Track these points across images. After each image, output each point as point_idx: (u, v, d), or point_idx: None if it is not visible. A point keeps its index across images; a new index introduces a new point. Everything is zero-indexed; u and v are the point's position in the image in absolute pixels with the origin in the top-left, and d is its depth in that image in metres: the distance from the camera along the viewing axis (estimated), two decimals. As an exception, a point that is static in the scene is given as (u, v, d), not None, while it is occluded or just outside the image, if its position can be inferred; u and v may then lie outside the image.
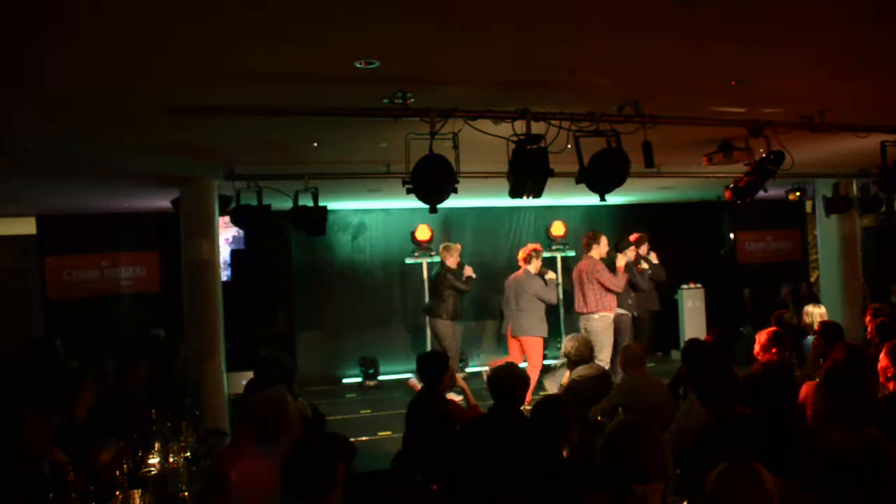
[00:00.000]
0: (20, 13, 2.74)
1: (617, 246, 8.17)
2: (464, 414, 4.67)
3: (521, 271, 8.20)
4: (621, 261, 7.83)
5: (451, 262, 8.63)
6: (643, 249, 8.42)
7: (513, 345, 8.16)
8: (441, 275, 8.64)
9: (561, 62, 3.71)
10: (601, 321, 7.63)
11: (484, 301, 10.07)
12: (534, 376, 7.63)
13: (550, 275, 8.21)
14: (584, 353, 5.31)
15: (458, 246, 8.84)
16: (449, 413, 4.44)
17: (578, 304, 7.79)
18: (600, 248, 7.91)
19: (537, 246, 8.38)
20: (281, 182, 6.21)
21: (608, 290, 7.63)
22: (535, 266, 8.15)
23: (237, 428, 4.46)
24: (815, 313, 6.36)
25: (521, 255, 8.28)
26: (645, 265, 8.30)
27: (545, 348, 8.37)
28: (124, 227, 9.51)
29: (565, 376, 5.52)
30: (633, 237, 8.31)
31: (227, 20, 2.91)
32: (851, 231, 9.09)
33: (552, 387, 6.94)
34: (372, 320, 10.22)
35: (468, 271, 8.61)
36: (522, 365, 7.67)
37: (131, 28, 2.94)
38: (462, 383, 5.23)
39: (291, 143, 5.48)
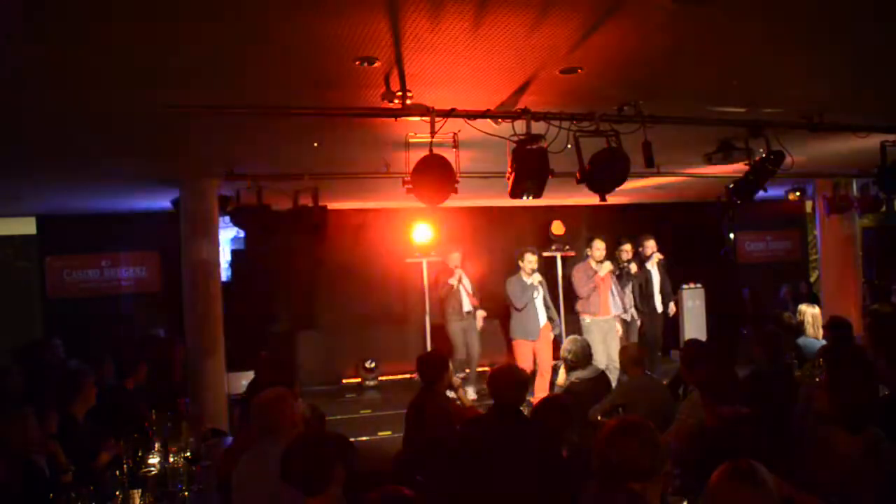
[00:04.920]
0: (20, 11, 2.74)
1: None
2: (464, 414, 4.67)
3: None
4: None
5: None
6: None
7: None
8: None
9: (562, 62, 3.71)
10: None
11: (483, 302, 10.04)
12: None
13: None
14: (582, 356, 5.31)
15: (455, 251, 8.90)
16: (449, 413, 4.44)
17: None
18: (591, 252, 8.09)
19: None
20: (281, 182, 6.21)
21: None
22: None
23: (238, 428, 4.47)
24: (808, 312, 6.32)
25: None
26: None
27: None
28: (124, 227, 9.50)
29: (562, 377, 5.53)
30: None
31: (228, 20, 2.91)
32: (851, 231, 9.09)
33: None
34: (372, 320, 10.22)
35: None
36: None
37: (131, 29, 2.94)
38: (456, 381, 5.22)
39: (291, 143, 5.48)
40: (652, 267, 8.61)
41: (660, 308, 8.63)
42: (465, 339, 8.79)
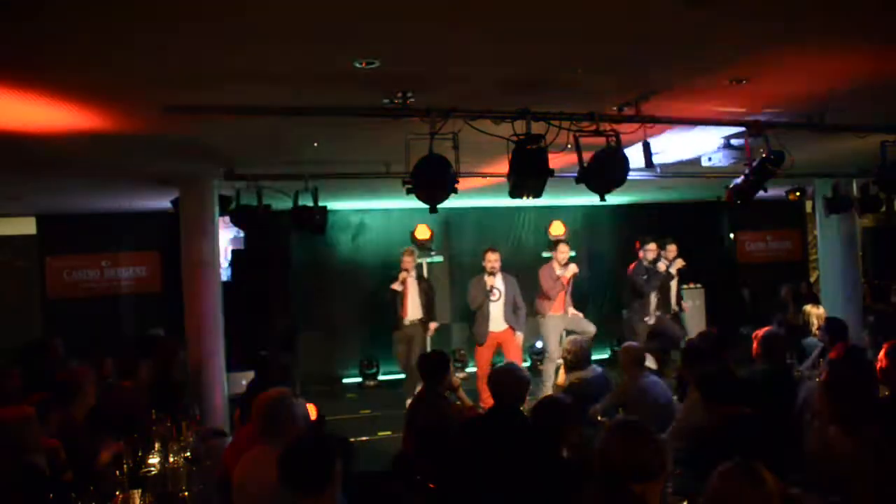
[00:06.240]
0: (20, 9, 2.74)
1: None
2: (464, 414, 4.66)
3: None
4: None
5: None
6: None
7: None
8: None
9: (562, 62, 3.71)
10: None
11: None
12: None
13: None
14: (581, 357, 5.30)
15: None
16: (449, 413, 4.44)
17: None
18: (556, 254, 8.10)
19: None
20: (281, 182, 6.21)
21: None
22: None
23: (238, 428, 4.47)
24: (813, 313, 6.34)
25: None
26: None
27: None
28: (124, 227, 9.51)
29: (562, 377, 5.53)
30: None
31: (228, 20, 2.91)
32: (851, 231, 9.08)
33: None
34: (372, 320, 10.22)
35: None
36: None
37: (132, 28, 2.94)
38: (456, 381, 5.21)
39: (291, 143, 5.48)
40: (674, 271, 8.72)
41: (675, 308, 8.82)
42: (407, 351, 8.19)
